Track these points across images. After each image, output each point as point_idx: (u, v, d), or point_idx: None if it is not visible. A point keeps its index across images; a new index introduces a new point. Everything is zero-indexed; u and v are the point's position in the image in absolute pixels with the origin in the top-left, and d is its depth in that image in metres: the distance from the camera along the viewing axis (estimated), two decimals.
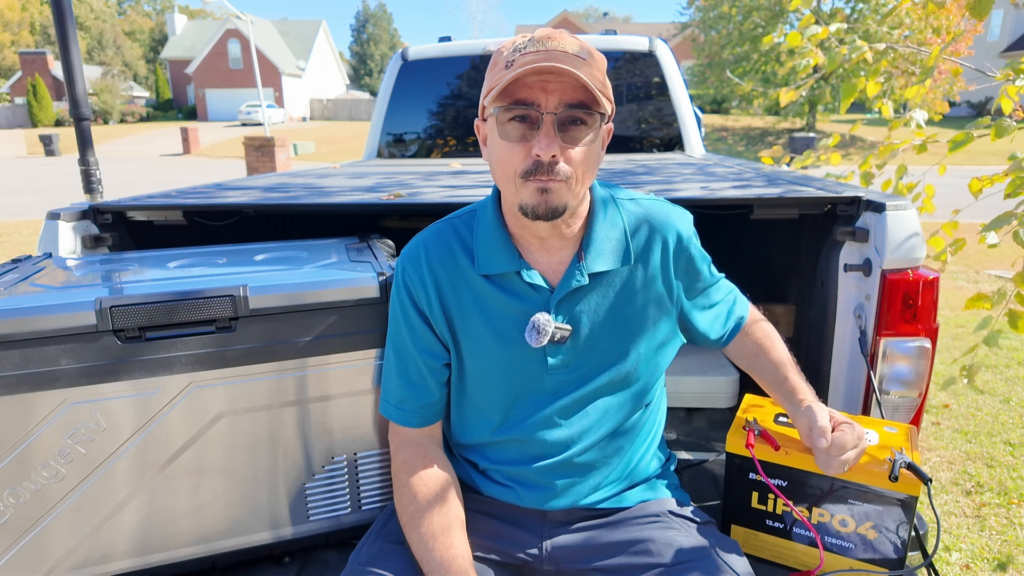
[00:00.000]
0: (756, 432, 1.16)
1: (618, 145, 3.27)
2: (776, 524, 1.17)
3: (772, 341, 1.19)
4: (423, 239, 1.10)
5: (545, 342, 1.00)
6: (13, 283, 1.14)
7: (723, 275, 1.19)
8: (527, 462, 1.07)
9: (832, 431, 1.01)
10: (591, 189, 1.06)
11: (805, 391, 1.11)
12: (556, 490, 1.07)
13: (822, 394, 1.42)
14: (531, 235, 1.03)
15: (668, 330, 1.11)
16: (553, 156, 0.90)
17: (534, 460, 1.07)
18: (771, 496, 1.16)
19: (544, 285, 1.03)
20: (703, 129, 5.03)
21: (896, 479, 1.02)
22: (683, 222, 1.10)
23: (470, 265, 1.05)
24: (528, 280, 1.02)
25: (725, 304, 1.18)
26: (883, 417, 1.36)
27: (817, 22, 2.52)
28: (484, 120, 1.01)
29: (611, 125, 1.00)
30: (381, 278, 1.16)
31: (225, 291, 1.07)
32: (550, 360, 1.04)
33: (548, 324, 1.00)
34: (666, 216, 1.09)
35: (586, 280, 1.02)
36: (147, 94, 48.85)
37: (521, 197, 0.95)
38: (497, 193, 1.07)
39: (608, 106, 0.94)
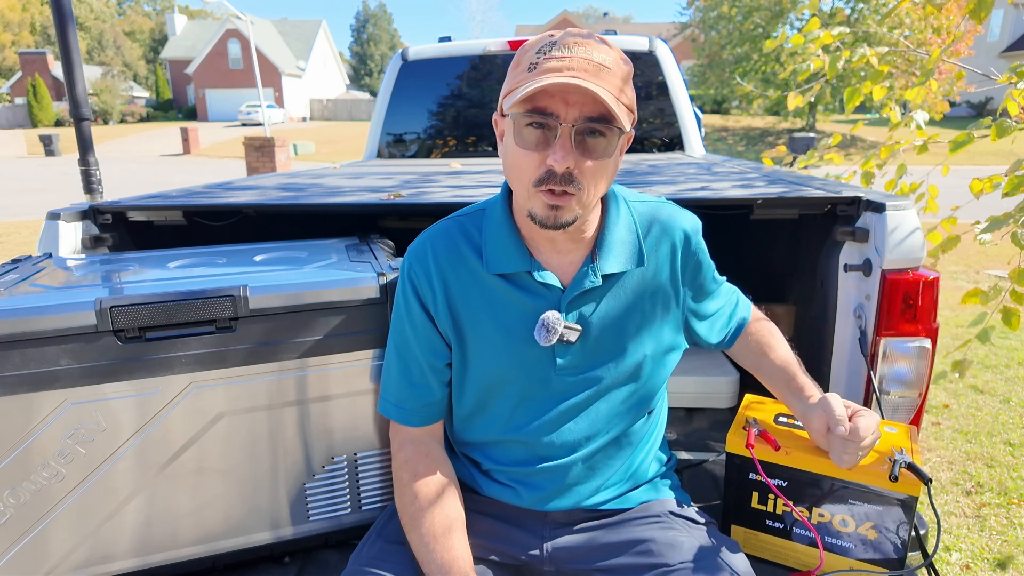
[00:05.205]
0: (756, 432, 1.16)
1: None
2: (776, 524, 1.17)
3: (775, 341, 1.20)
4: (430, 236, 1.09)
5: (554, 341, 1.00)
6: (13, 283, 1.14)
7: (725, 278, 1.19)
8: (531, 463, 1.07)
9: (849, 419, 1.01)
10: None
11: (812, 388, 1.12)
12: (558, 491, 1.07)
13: None
14: (541, 237, 1.02)
15: (674, 334, 1.11)
16: (567, 168, 0.90)
17: (539, 461, 1.07)
18: (771, 496, 1.16)
19: (556, 284, 1.02)
20: (703, 129, 5.03)
21: (896, 479, 1.02)
22: (692, 226, 1.10)
23: (479, 263, 1.04)
24: (540, 279, 1.01)
25: (728, 306, 1.19)
26: (883, 417, 1.35)
27: (820, 25, 2.53)
28: (503, 116, 0.99)
29: (631, 132, 0.97)
30: (381, 278, 1.16)
31: (225, 291, 1.07)
32: (559, 361, 1.03)
33: (558, 323, 0.99)
34: (677, 219, 1.09)
35: (599, 281, 1.02)
36: (147, 94, 48.83)
37: (532, 205, 0.94)
38: (507, 192, 1.06)
39: (627, 121, 0.91)
